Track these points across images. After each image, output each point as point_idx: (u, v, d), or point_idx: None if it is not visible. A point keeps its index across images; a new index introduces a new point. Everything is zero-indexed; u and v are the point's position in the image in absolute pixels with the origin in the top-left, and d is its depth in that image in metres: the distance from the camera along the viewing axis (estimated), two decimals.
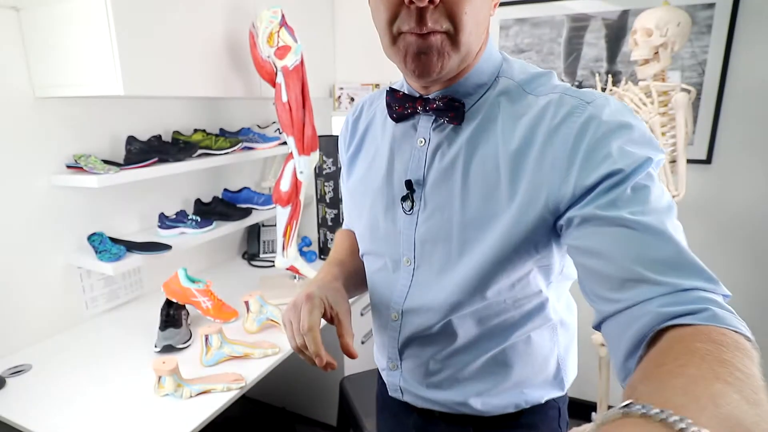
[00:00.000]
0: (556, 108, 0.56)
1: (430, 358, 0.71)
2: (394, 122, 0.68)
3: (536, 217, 0.56)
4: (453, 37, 0.55)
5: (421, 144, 0.65)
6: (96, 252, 1.42)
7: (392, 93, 0.67)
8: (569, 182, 0.53)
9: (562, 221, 0.54)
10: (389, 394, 0.79)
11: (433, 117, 0.64)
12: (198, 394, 1.16)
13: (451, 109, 0.61)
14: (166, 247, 1.50)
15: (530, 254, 0.59)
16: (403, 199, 0.66)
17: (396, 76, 0.77)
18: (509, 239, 0.57)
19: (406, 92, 0.66)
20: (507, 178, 0.57)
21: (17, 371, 1.27)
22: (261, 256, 2.18)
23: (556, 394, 0.74)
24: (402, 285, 0.69)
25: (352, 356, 0.63)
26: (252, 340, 1.39)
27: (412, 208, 0.65)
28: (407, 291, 0.69)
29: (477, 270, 0.60)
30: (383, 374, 0.80)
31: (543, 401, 0.72)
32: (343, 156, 0.81)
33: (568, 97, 0.56)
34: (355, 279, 0.79)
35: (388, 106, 0.67)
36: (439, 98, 0.62)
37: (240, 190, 1.98)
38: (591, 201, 0.50)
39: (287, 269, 1.75)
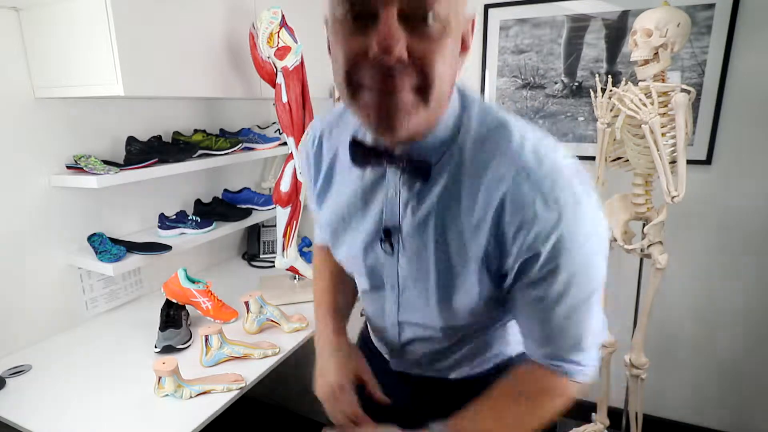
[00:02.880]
0: (509, 191, 0.56)
1: (422, 354, 0.79)
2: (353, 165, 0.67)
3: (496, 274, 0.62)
4: (424, 92, 0.52)
5: (392, 195, 0.66)
6: (96, 252, 1.42)
7: (354, 145, 0.65)
8: (513, 257, 0.58)
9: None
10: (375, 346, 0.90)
11: (398, 170, 0.63)
12: (198, 395, 1.16)
13: (418, 168, 0.61)
14: (166, 247, 1.50)
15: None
16: (382, 241, 0.68)
17: None
18: (481, 287, 0.63)
19: (369, 144, 0.64)
20: (480, 231, 0.60)
21: (17, 371, 1.27)
22: (261, 256, 2.18)
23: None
24: (391, 303, 0.75)
25: (384, 403, 0.76)
26: (252, 341, 1.39)
27: (392, 249, 0.68)
28: (397, 309, 0.74)
29: (457, 305, 0.66)
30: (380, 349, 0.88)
31: (515, 354, 0.82)
32: (310, 188, 0.81)
33: (523, 183, 0.56)
34: (348, 308, 0.91)
35: (352, 157, 0.65)
36: (405, 158, 0.61)
37: (240, 191, 1.98)
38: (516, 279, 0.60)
39: (287, 270, 1.75)
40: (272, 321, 1.49)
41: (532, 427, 0.67)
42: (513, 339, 0.79)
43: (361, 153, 0.64)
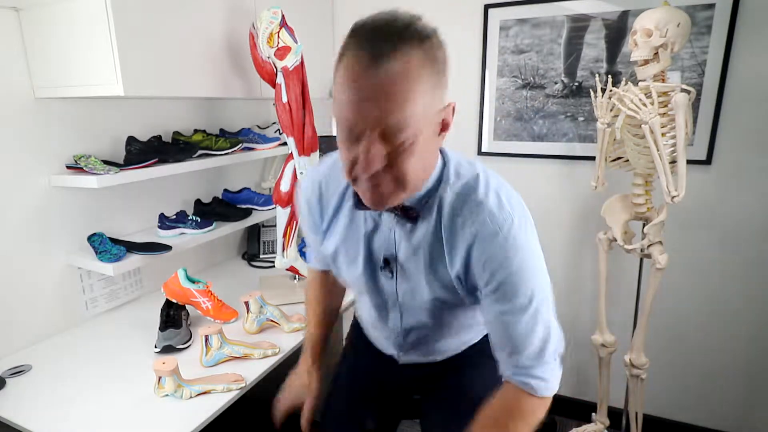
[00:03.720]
0: (471, 232, 0.75)
1: (424, 347, 1.00)
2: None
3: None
4: (401, 183, 0.68)
5: (388, 233, 0.83)
6: (96, 252, 1.42)
7: (356, 195, 0.79)
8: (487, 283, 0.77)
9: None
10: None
11: (393, 216, 0.80)
12: (198, 395, 1.16)
13: (407, 214, 0.78)
14: (166, 247, 1.50)
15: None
16: (382, 268, 0.86)
17: None
18: (462, 296, 0.82)
19: None
20: (455, 263, 0.78)
21: (17, 371, 1.27)
22: (261, 256, 2.18)
23: None
24: (395, 315, 0.94)
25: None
26: (252, 341, 1.39)
27: (392, 274, 0.86)
28: (401, 318, 0.94)
29: (446, 309, 0.87)
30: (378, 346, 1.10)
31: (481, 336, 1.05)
32: (313, 228, 0.96)
33: (486, 234, 0.74)
34: (327, 338, 1.17)
35: (355, 204, 0.82)
36: (398, 207, 0.78)
37: (240, 191, 1.98)
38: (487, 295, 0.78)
39: (287, 270, 1.75)
40: (272, 321, 1.49)
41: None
42: (480, 327, 1.01)
43: (362, 204, 0.77)
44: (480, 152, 2.04)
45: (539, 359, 0.78)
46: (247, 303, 1.46)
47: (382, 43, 0.60)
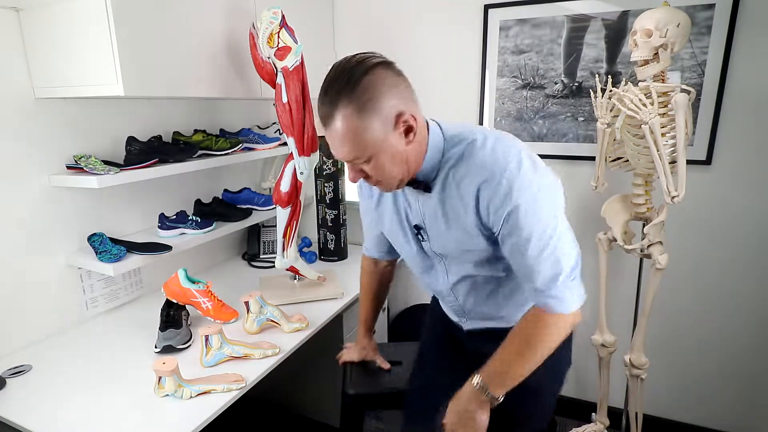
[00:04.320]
0: (477, 184, 0.88)
1: (476, 306, 1.09)
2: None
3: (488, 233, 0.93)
4: (383, 182, 0.91)
5: (413, 203, 1.01)
6: (96, 252, 1.42)
7: None
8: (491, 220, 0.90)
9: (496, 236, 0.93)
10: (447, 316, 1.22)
11: (412, 188, 0.97)
12: (198, 395, 1.16)
13: (420, 185, 0.95)
14: (166, 247, 1.50)
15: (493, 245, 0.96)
16: (416, 234, 1.03)
17: None
18: (485, 241, 0.95)
19: None
20: (469, 213, 0.91)
21: (17, 371, 1.27)
22: (261, 256, 2.18)
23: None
24: (442, 273, 1.07)
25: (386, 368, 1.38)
26: (252, 341, 1.39)
27: (424, 238, 1.03)
28: (446, 275, 1.06)
29: (478, 255, 0.98)
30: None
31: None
32: (368, 210, 1.16)
33: (487, 179, 0.86)
34: (375, 316, 1.39)
35: None
36: (413, 182, 0.95)
37: (240, 191, 1.98)
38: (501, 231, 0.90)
39: (287, 270, 1.75)
40: (272, 321, 1.49)
41: (535, 361, 0.92)
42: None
43: None
44: None
45: (552, 283, 0.87)
46: (247, 303, 1.46)
47: (324, 111, 0.84)
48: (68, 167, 1.40)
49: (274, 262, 1.82)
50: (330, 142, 0.87)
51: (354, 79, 0.82)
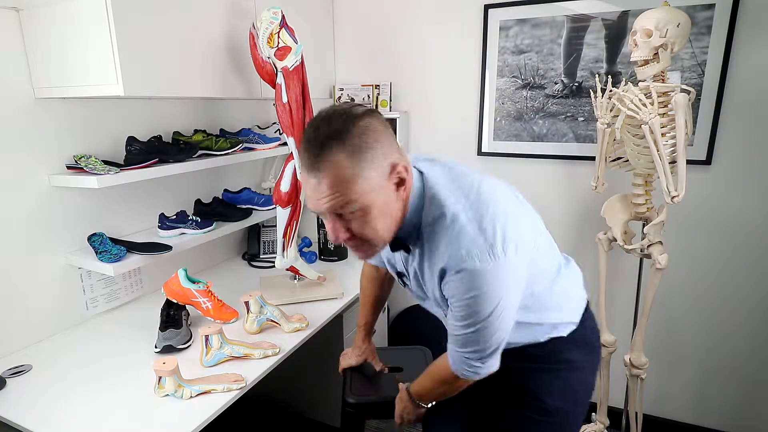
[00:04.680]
0: (446, 265, 0.85)
1: None
2: None
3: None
4: (370, 241, 0.84)
5: (399, 255, 0.99)
6: (96, 252, 1.42)
7: None
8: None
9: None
10: None
11: (390, 250, 0.97)
12: (198, 395, 1.16)
13: (401, 246, 0.93)
14: (166, 247, 1.50)
15: None
16: (400, 278, 1.07)
17: (395, 78, 0.84)
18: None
19: None
20: (431, 282, 0.92)
21: (17, 371, 1.27)
22: (261, 256, 2.18)
23: None
24: (429, 305, 1.08)
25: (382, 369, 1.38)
26: (252, 341, 1.39)
27: (406, 283, 1.06)
28: (431, 307, 1.07)
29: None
30: None
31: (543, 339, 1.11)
32: None
33: (445, 253, 0.85)
34: (377, 316, 1.40)
35: None
36: (393, 242, 0.91)
37: (240, 191, 1.98)
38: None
39: (287, 270, 1.75)
40: (272, 321, 1.49)
41: (446, 392, 1.07)
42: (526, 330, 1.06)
43: None
44: (480, 152, 2.04)
45: (469, 359, 0.94)
46: (247, 303, 1.46)
47: (312, 155, 0.76)
48: (68, 167, 1.40)
49: (274, 262, 1.82)
50: (313, 193, 0.78)
51: (347, 123, 0.76)
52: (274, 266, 1.92)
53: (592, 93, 1.59)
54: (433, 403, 1.13)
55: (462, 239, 0.82)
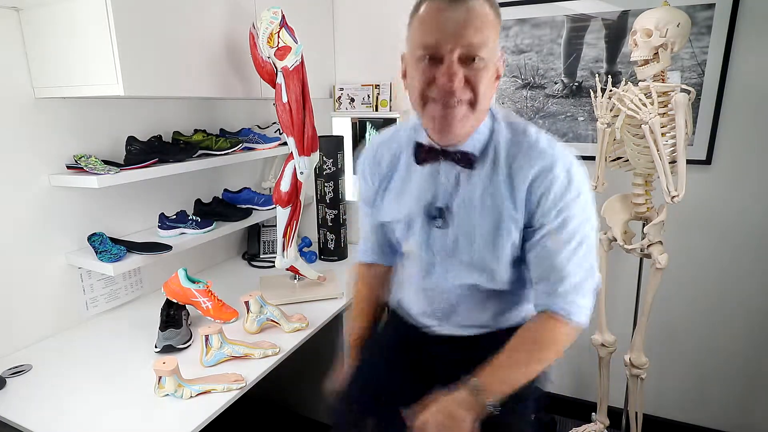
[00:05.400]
0: (531, 167, 0.84)
1: (466, 312, 1.01)
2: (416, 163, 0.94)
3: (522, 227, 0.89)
4: (473, 105, 0.81)
5: (445, 182, 0.92)
6: (96, 252, 1.42)
7: (419, 146, 0.93)
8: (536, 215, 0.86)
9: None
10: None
11: (452, 163, 0.90)
12: (198, 395, 1.16)
13: (465, 159, 0.88)
14: (166, 247, 1.50)
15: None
16: (435, 218, 0.93)
17: (394, 77, 0.85)
18: (513, 239, 0.90)
19: (429, 145, 0.91)
20: (512, 201, 0.87)
21: (17, 371, 1.27)
22: (261, 256, 2.18)
23: None
24: (443, 269, 0.97)
25: None
26: (252, 341, 1.39)
27: (445, 223, 0.93)
28: (446, 273, 0.97)
29: (495, 256, 0.91)
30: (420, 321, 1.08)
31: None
32: (368, 198, 1.06)
33: (544, 168, 0.84)
34: (375, 325, 1.20)
35: (416, 154, 0.93)
36: (457, 153, 0.88)
37: (240, 191, 1.98)
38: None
39: (287, 270, 1.75)
40: (272, 321, 1.49)
41: (541, 368, 0.89)
42: (528, 306, 1.01)
43: (424, 152, 0.91)
44: None
45: (579, 289, 0.86)
46: (247, 303, 1.46)
47: None
48: (68, 167, 1.40)
49: (274, 262, 1.82)
50: (452, 20, 0.75)
51: None
52: (274, 266, 1.92)
53: (592, 93, 1.59)
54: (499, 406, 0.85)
55: (556, 147, 0.85)
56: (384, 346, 1.15)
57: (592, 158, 1.73)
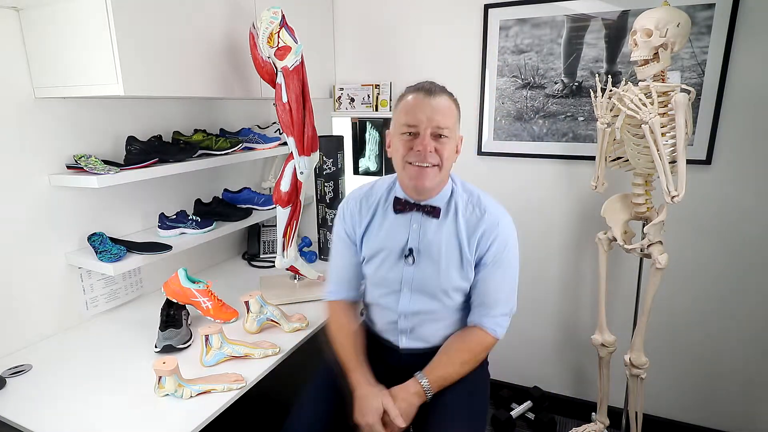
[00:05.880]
0: (482, 224, 1.17)
1: (424, 331, 1.26)
2: (394, 213, 1.22)
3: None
4: (440, 167, 1.12)
5: (416, 228, 1.20)
6: (96, 252, 1.42)
7: (397, 199, 1.22)
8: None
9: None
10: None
11: (422, 214, 1.19)
12: (198, 395, 1.16)
13: (433, 211, 1.18)
14: (166, 247, 1.50)
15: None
16: (407, 256, 1.20)
17: (395, 78, 0.82)
18: (467, 273, 1.19)
19: (405, 199, 1.21)
20: (461, 246, 1.18)
21: (17, 371, 1.27)
22: (261, 256, 2.18)
23: None
24: (406, 299, 1.22)
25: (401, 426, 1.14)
26: (252, 341, 1.39)
27: (413, 261, 1.20)
28: (409, 302, 1.22)
29: (450, 285, 1.20)
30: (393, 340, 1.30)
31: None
32: (351, 233, 1.28)
33: (486, 215, 1.18)
34: (365, 355, 1.26)
35: (395, 206, 1.22)
36: (427, 206, 1.19)
37: (240, 191, 1.98)
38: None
39: (287, 269, 1.75)
40: (272, 321, 1.49)
41: (469, 369, 1.19)
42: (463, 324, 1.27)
43: (401, 205, 1.21)
44: (480, 152, 2.04)
45: (505, 313, 1.19)
46: (247, 303, 1.46)
47: (432, 89, 1.13)
48: (68, 167, 1.40)
49: (274, 262, 1.82)
50: (427, 109, 1.09)
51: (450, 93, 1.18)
52: (274, 266, 1.92)
53: (592, 93, 1.59)
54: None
55: (498, 209, 1.19)
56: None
57: (592, 158, 1.73)
